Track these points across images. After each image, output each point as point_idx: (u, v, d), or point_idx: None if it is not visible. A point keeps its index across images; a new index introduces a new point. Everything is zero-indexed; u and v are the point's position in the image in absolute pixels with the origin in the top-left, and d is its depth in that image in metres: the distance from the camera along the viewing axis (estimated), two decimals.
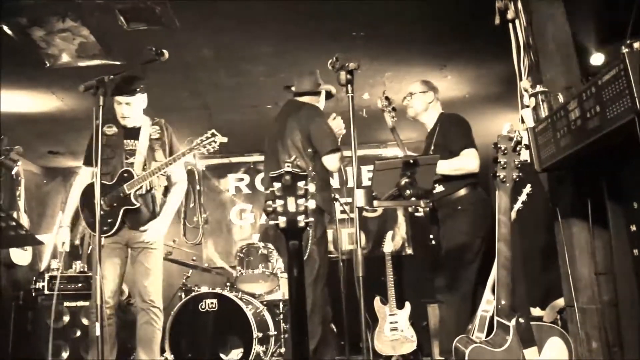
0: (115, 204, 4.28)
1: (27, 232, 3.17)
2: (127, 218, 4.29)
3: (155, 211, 4.41)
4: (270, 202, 1.98)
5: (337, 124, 4.20)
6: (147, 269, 4.34)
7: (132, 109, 4.35)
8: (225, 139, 4.31)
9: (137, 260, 4.35)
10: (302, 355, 2.06)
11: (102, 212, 4.32)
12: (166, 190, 4.57)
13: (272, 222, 2.00)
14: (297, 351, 2.07)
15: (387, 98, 4.67)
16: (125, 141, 4.44)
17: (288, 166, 1.96)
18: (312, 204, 1.99)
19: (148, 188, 4.37)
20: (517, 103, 3.48)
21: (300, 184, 1.96)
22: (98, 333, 2.86)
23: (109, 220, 4.29)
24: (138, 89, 4.33)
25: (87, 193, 4.45)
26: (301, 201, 1.97)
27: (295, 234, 2.01)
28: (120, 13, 4.13)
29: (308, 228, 2.03)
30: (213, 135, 4.22)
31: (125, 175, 4.29)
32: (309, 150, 3.97)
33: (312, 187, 1.97)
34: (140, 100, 4.42)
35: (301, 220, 1.98)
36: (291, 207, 1.97)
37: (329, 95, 4.43)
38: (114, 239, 4.28)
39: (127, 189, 4.24)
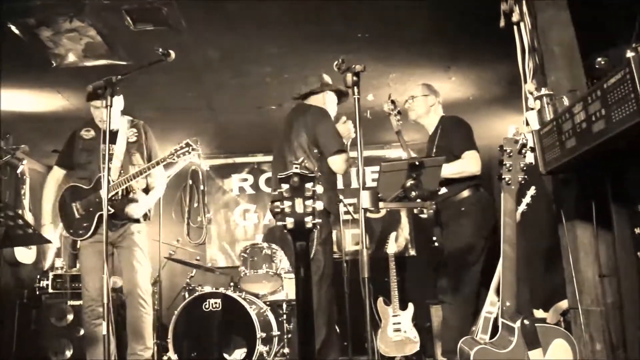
0: (90, 209, 4.34)
1: (34, 231, 3.19)
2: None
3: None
4: (278, 203, 2.00)
5: (346, 128, 4.23)
6: (133, 258, 4.38)
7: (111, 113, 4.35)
8: (199, 150, 4.27)
9: (121, 253, 4.41)
10: (308, 356, 2.07)
11: (78, 216, 4.42)
12: (145, 192, 4.60)
13: (279, 223, 2.02)
14: (303, 351, 2.08)
15: (393, 102, 4.69)
16: (102, 145, 4.31)
17: (296, 167, 1.98)
18: (319, 205, 2.01)
19: (124, 193, 4.39)
20: (520, 105, 3.49)
21: (308, 185, 1.98)
22: (104, 332, 2.87)
23: (84, 225, 4.37)
24: (115, 92, 4.33)
25: (65, 198, 4.52)
26: (309, 202, 1.99)
27: (303, 235, 2.03)
28: (127, 14, 4.14)
29: (314, 229, 2.05)
30: (188, 145, 4.18)
31: (102, 180, 4.21)
32: (315, 151, 3.99)
33: (319, 189, 1.99)
34: (118, 102, 4.45)
35: (308, 221, 2.00)
36: (299, 209, 1.99)
37: (340, 95, 4.42)
38: (95, 239, 4.32)
39: (101, 195, 4.18)
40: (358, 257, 6.77)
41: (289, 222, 1.99)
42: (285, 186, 1.98)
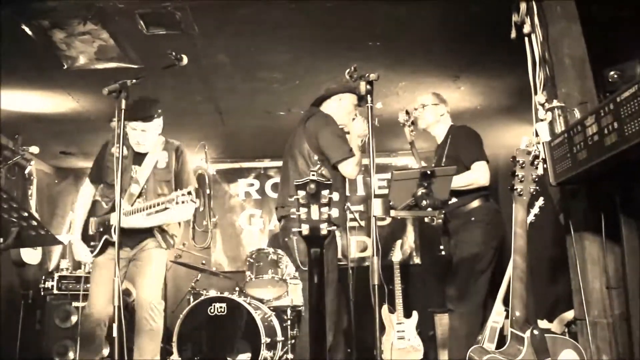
0: (101, 229, 4.20)
1: (47, 232, 3.20)
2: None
3: None
4: (294, 210, 2.02)
5: (359, 126, 4.17)
6: (147, 269, 4.21)
7: (147, 135, 4.21)
8: (197, 202, 4.11)
9: (137, 265, 4.22)
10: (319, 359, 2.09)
11: (91, 232, 4.27)
12: None
13: (295, 230, 2.04)
14: (314, 356, 2.10)
15: (407, 112, 4.69)
16: (133, 166, 4.26)
17: (313, 175, 1.99)
18: (335, 213, 2.02)
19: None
20: (528, 116, 3.51)
21: (325, 192, 1.99)
22: (115, 334, 2.88)
23: (92, 243, 4.24)
24: (155, 115, 4.21)
25: (90, 214, 4.38)
26: (324, 209, 2.01)
27: (317, 241, 2.05)
28: (141, 17, 4.16)
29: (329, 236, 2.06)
30: (189, 193, 3.91)
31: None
32: (315, 158, 3.95)
33: (335, 196, 2.01)
34: (156, 126, 4.28)
35: (324, 228, 2.02)
36: (314, 215, 2.01)
37: (360, 98, 4.24)
38: (109, 255, 4.14)
39: (111, 219, 4.09)
40: (363, 264, 6.80)
41: (305, 228, 2.01)
42: (301, 193, 2.00)
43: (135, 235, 4.16)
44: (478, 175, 4.22)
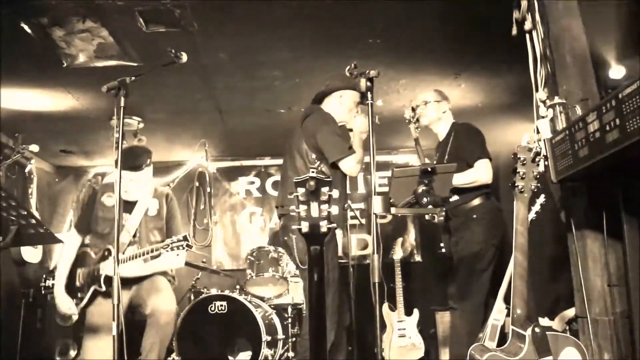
0: (89, 281, 4.14)
1: (46, 230, 3.19)
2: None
3: None
4: (293, 207, 2.01)
5: (361, 123, 4.13)
6: (156, 288, 4.17)
7: (136, 184, 4.18)
8: (192, 247, 4.06)
9: (142, 287, 4.18)
10: (320, 358, 2.08)
11: (77, 284, 4.19)
12: None
13: (294, 227, 2.02)
14: (314, 354, 2.09)
15: (413, 109, 4.68)
16: (123, 214, 4.14)
17: (313, 171, 1.98)
18: (335, 210, 2.01)
19: None
20: (529, 113, 3.49)
21: (324, 189, 1.98)
22: (115, 332, 2.86)
23: (79, 295, 4.17)
24: (144, 165, 4.15)
25: (75, 263, 4.28)
26: (324, 207, 1.99)
27: (317, 239, 2.03)
28: (140, 15, 4.15)
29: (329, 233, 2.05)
30: (185, 238, 3.85)
31: (106, 253, 4.10)
32: (313, 157, 3.94)
33: (335, 193, 2.00)
34: (146, 175, 4.22)
35: (323, 225, 2.00)
36: (314, 212, 1.99)
37: (363, 94, 4.24)
38: (99, 301, 4.10)
39: (101, 268, 4.05)
40: (364, 262, 6.79)
41: (304, 225, 2.00)
42: (301, 190, 1.99)
43: (130, 281, 4.12)
44: (481, 173, 4.21)
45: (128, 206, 4.21)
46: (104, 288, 4.00)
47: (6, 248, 3.18)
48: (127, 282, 4.02)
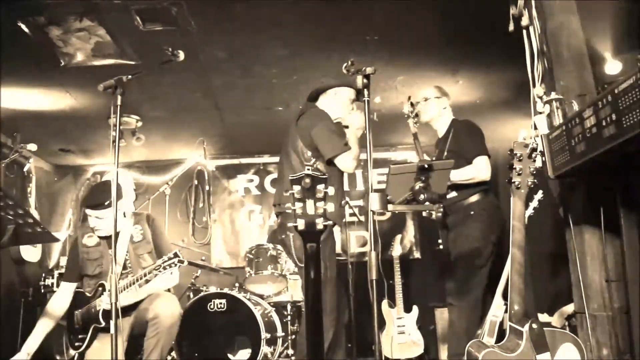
0: (87, 319, 4.05)
1: (43, 229, 3.19)
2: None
3: None
4: (289, 204, 2.01)
5: (358, 119, 4.12)
6: (156, 295, 4.09)
7: (103, 222, 4.10)
8: (185, 262, 3.90)
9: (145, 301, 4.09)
10: (317, 357, 2.08)
11: (76, 326, 4.13)
12: None
13: (290, 224, 2.02)
14: (312, 352, 2.09)
15: (412, 104, 4.67)
16: (110, 250, 4.01)
17: (308, 169, 1.98)
18: (330, 207, 2.01)
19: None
20: (527, 109, 3.49)
21: (320, 187, 1.98)
22: (112, 331, 2.86)
23: (80, 337, 4.08)
24: (108, 202, 4.02)
25: (72, 305, 4.21)
26: (320, 204, 1.99)
27: (313, 236, 2.03)
28: (137, 13, 4.15)
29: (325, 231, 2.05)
30: (176, 255, 3.79)
31: (100, 288, 4.06)
32: (309, 154, 3.92)
33: (331, 191, 1.99)
34: (122, 205, 4.16)
35: (319, 222, 2.00)
36: (310, 210, 1.99)
37: (358, 92, 4.22)
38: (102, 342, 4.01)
39: (97, 304, 3.97)
40: (363, 259, 6.78)
41: (300, 223, 2.00)
42: (296, 187, 1.99)
43: (129, 309, 4.05)
44: (479, 169, 4.21)
45: (109, 240, 4.07)
46: (103, 323, 3.91)
47: (4, 247, 3.18)
48: (126, 311, 3.97)
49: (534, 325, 2.84)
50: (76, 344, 4.09)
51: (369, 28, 4.56)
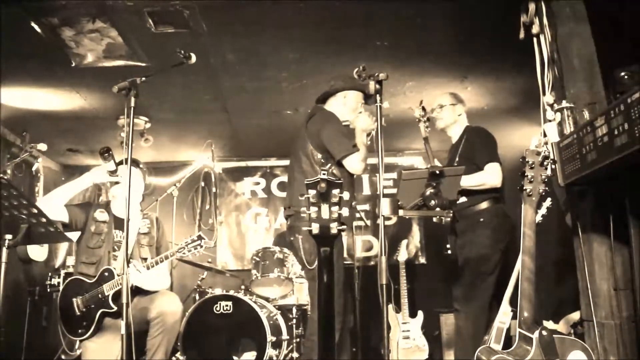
0: (92, 305, 4.04)
1: (56, 229, 3.21)
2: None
3: None
4: (304, 209, 2.02)
5: (364, 121, 4.14)
6: (159, 293, 4.24)
7: (121, 185, 4.26)
8: (211, 244, 4.12)
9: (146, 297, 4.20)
10: (328, 358, 2.09)
11: (78, 313, 4.08)
12: None
13: (304, 228, 2.04)
14: (323, 354, 2.10)
15: (424, 108, 4.68)
16: (115, 231, 4.27)
17: (324, 173, 2.00)
18: (345, 212, 2.02)
19: None
20: (536, 117, 3.51)
21: (335, 191, 1.99)
22: (123, 331, 2.88)
23: (84, 323, 4.05)
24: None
25: (66, 292, 4.19)
26: (335, 208, 2.01)
27: (327, 240, 2.05)
28: (149, 15, 4.17)
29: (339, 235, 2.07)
30: (200, 238, 3.98)
31: (106, 274, 4.06)
32: (319, 157, 3.94)
33: (346, 195, 2.01)
34: (135, 194, 4.31)
35: (334, 227, 2.02)
36: (325, 214, 2.01)
37: (367, 95, 4.26)
38: (101, 335, 4.07)
39: (106, 289, 3.99)
40: (369, 263, 6.79)
41: (315, 227, 2.01)
42: (312, 191, 2.00)
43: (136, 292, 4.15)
44: (490, 176, 4.22)
45: (120, 222, 4.26)
46: (114, 307, 3.94)
47: (16, 246, 3.20)
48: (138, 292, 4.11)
49: (544, 332, 2.86)
50: (79, 330, 4.06)
51: (378, 33, 4.56)
